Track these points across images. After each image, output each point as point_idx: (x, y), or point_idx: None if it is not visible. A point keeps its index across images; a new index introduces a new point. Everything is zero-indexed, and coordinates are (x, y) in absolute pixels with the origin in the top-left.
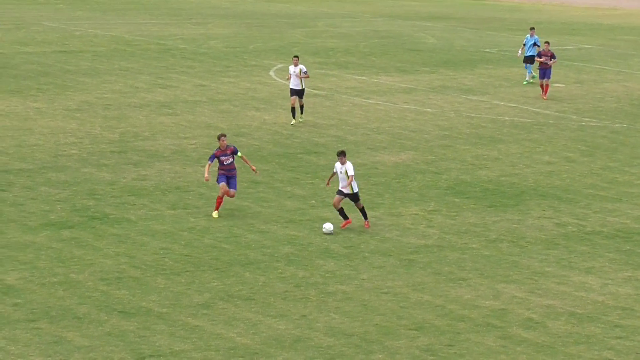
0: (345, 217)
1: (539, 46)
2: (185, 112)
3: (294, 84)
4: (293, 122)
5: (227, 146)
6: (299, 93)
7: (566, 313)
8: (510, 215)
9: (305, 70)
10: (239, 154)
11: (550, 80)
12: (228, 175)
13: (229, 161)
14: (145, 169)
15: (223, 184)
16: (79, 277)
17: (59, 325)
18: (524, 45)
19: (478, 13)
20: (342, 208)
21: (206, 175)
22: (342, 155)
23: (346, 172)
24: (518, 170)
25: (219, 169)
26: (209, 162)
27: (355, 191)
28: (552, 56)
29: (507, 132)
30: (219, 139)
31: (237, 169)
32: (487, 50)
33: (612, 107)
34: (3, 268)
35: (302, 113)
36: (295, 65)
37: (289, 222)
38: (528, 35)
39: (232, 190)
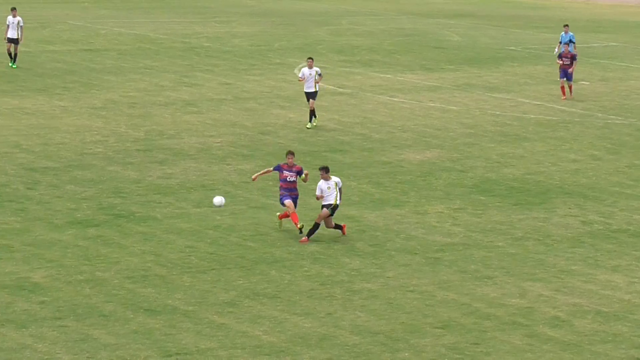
0: (338, 226)
1: (574, 43)
2: (210, 111)
3: (309, 86)
4: (315, 123)
5: (294, 164)
6: (313, 95)
7: (592, 311)
8: (536, 214)
9: (320, 72)
10: (303, 175)
11: (572, 81)
12: (291, 195)
13: (292, 178)
14: (170, 167)
15: (289, 201)
16: (105, 275)
17: (85, 323)
18: (560, 42)
19: (502, 10)
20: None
21: (255, 175)
22: (323, 170)
23: (336, 185)
24: (544, 168)
25: (281, 187)
26: (271, 168)
27: (338, 203)
28: (573, 58)
29: (532, 130)
30: (286, 155)
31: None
32: (512, 48)
33: (637, 105)
34: (30, 266)
35: (311, 120)
36: (310, 67)
37: (314, 220)
38: (563, 32)
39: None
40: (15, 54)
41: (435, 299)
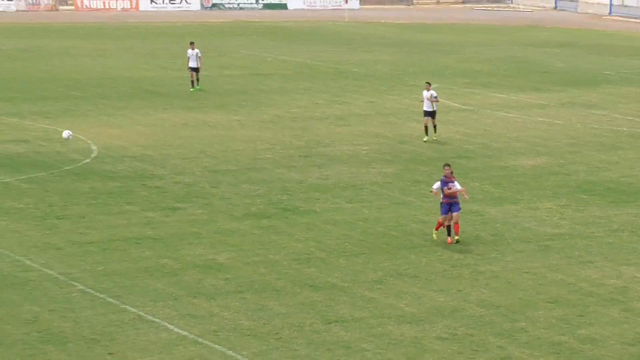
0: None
1: None
2: (357, 124)
3: (427, 106)
4: (426, 138)
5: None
6: (431, 114)
7: None
8: (630, 210)
9: (435, 95)
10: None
11: None
12: (451, 202)
13: (453, 189)
14: (326, 170)
15: (444, 216)
16: (276, 258)
17: (261, 296)
18: None
19: (599, 41)
20: (448, 226)
21: (434, 190)
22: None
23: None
24: (635, 172)
25: (443, 197)
26: (438, 186)
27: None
28: None
29: (625, 140)
30: (444, 167)
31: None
32: (608, 72)
33: None
34: (215, 250)
35: (435, 132)
36: (427, 90)
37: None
38: None
39: (455, 214)
40: (198, 79)
41: (546, 279)
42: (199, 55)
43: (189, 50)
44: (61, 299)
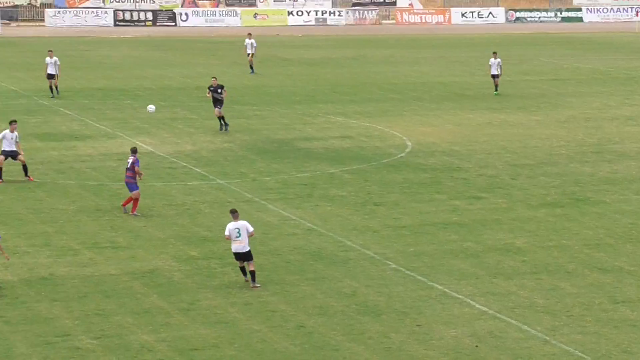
0: None
1: None
2: None
3: None
4: None
5: None
6: None
7: None
8: None
9: None
10: None
11: None
12: None
13: None
14: (616, 165)
15: None
16: (568, 243)
17: (554, 277)
18: None
19: None
20: None
21: None
22: None
23: None
24: None
25: None
26: None
27: None
28: None
29: None
30: None
31: None
32: None
33: None
34: (514, 235)
35: None
36: None
37: None
38: None
39: None
40: (496, 85)
41: None
42: (500, 64)
43: (491, 59)
44: (376, 276)
